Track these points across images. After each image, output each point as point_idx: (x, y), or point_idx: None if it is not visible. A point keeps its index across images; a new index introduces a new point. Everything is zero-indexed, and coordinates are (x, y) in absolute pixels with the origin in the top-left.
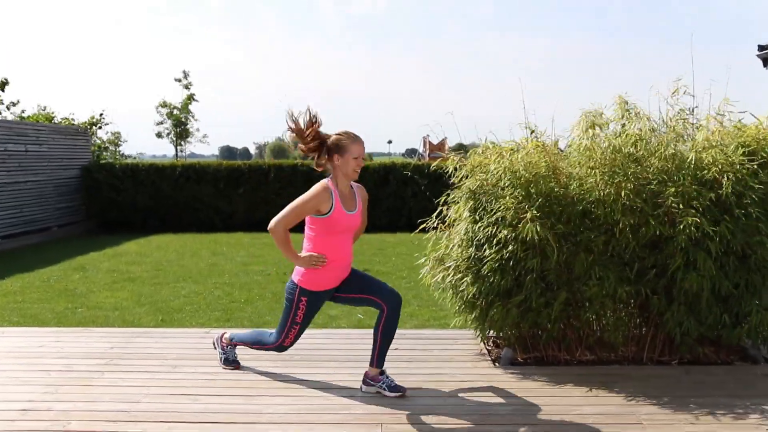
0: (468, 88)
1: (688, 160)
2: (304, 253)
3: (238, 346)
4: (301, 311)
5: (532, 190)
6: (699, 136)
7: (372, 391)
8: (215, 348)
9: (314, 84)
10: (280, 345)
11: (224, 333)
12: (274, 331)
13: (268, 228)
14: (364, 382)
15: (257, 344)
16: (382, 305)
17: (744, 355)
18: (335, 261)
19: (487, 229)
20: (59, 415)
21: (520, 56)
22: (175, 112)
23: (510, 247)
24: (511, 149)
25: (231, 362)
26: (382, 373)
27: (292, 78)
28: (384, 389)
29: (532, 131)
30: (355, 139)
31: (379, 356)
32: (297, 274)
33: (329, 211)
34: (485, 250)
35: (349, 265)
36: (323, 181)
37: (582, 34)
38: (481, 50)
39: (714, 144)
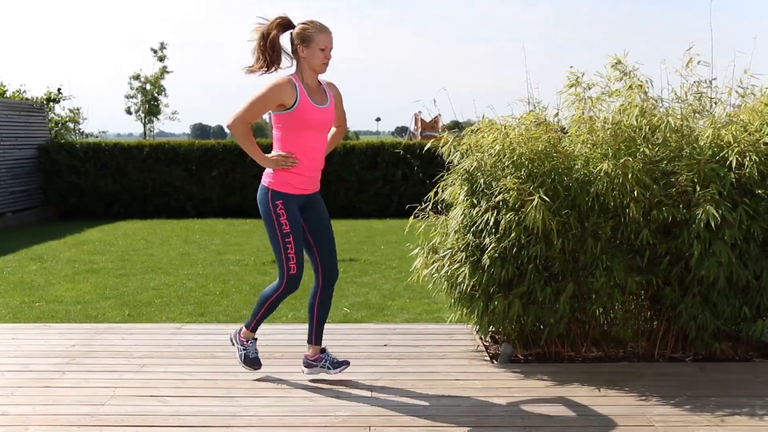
0: (464, 60)
1: (705, 136)
2: (272, 154)
3: (257, 333)
4: (283, 218)
5: (536, 170)
6: (717, 110)
7: (315, 374)
8: (233, 345)
9: None
10: (289, 277)
11: (241, 328)
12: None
13: (227, 124)
14: (306, 363)
15: (267, 302)
16: (319, 275)
17: (765, 351)
18: (307, 162)
19: (486, 214)
20: (16, 419)
21: (520, 25)
22: (148, 86)
23: (512, 234)
24: (510, 125)
25: (251, 361)
26: (323, 350)
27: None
28: (327, 368)
29: (534, 106)
30: (322, 28)
31: (317, 333)
32: (266, 177)
33: (294, 103)
34: (485, 237)
35: (320, 167)
36: (285, 74)
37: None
38: (479, 17)
39: (735, 120)
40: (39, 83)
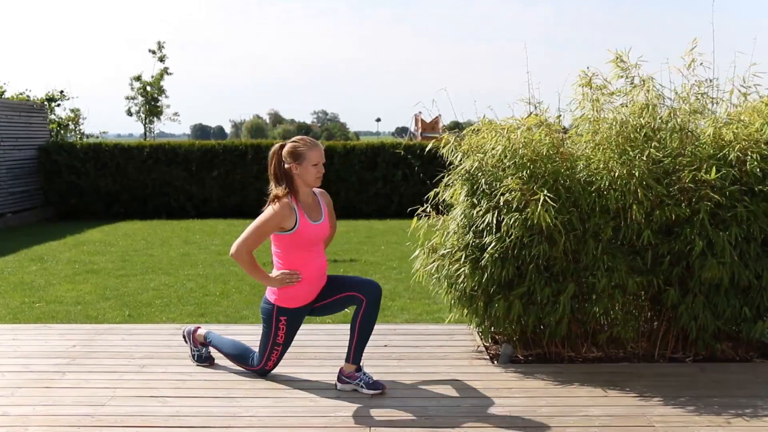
0: (464, 60)
1: (706, 134)
2: (275, 273)
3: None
4: (281, 332)
5: (538, 171)
6: (720, 109)
7: (348, 389)
8: (186, 342)
9: (295, 56)
10: (262, 369)
11: (197, 328)
12: (256, 350)
13: (230, 253)
14: (339, 379)
15: (237, 360)
16: (360, 298)
17: (765, 351)
18: (310, 275)
19: (487, 215)
20: (16, 420)
21: (520, 25)
22: (148, 88)
23: (514, 234)
24: (511, 126)
25: (205, 359)
26: (359, 369)
27: (271, 50)
28: (361, 386)
29: (535, 106)
30: (312, 144)
31: (356, 352)
32: (271, 293)
33: (294, 226)
34: (486, 237)
35: (325, 275)
36: (285, 200)
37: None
38: (479, 17)
39: (736, 120)
40: (39, 83)
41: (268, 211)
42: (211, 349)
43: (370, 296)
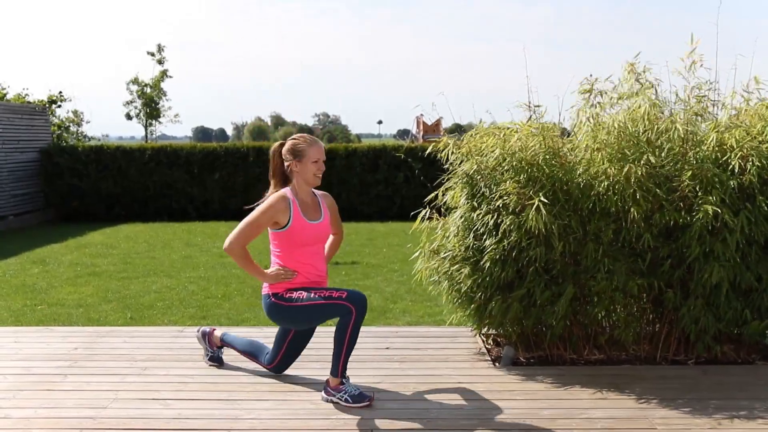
0: (464, 60)
1: (709, 141)
2: (272, 269)
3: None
4: (295, 294)
5: (536, 175)
6: (722, 114)
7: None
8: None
9: (296, 57)
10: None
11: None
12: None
13: (224, 248)
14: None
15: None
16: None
17: (766, 353)
18: (307, 275)
19: (486, 217)
20: (18, 422)
21: (520, 25)
22: (147, 90)
23: (512, 237)
24: (509, 130)
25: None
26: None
27: (271, 50)
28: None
29: (535, 108)
30: (313, 142)
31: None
32: (265, 287)
33: (287, 222)
34: (485, 240)
35: (323, 277)
36: (282, 191)
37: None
38: (478, 17)
39: (738, 124)
40: (39, 84)
41: (264, 203)
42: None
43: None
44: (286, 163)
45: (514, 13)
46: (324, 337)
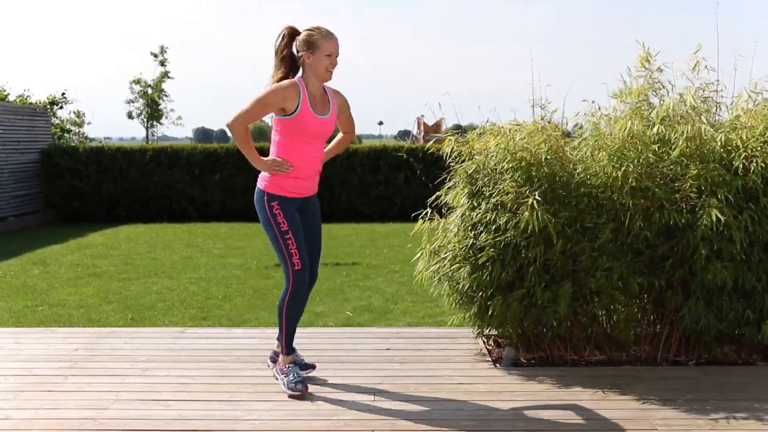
0: (464, 60)
1: (717, 140)
2: (268, 158)
3: (296, 349)
4: (280, 217)
5: (534, 174)
6: (727, 114)
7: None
8: (276, 379)
9: None
10: (295, 273)
11: (279, 357)
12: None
13: (226, 123)
14: (272, 359)
15: (284, 311)
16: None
17: (767, 354)
18: (301, 170)
19: (485, 215)
20: (19, 423)
21: (520, 25)
22: (149, 91)
23: (508, 234)
24: (513, 129)
25: (297, 384)
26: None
27: (271, 50)
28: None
29: (542, 108)
30: (328, 34)
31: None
32: (262, 180)
33: (295, 110)
34: (484, 239)
35: (317, 175)
36: (292, 79)
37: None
38: (479, 17)
39: (743, 125)
40: (39, 85)
41: (274, 85)
42: (298, 368)
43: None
44: (298, 53)
45: (514, 13)
46: (324, 337)
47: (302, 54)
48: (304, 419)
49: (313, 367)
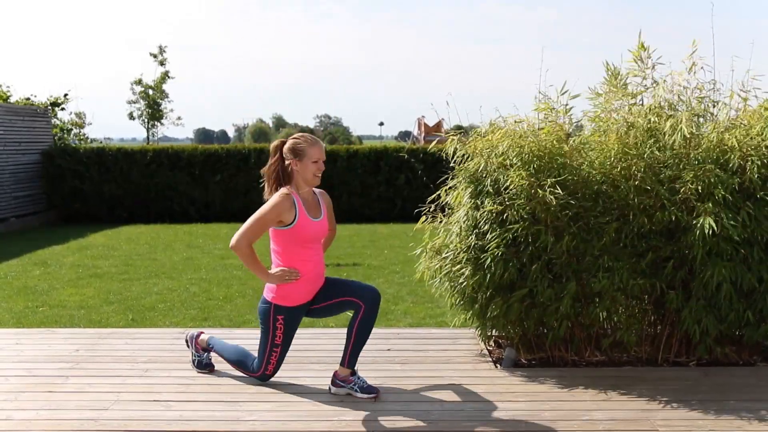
0: (464, 60)
1: (710, 140)
2: (274, 270)
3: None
4: (279, 331)
5: (545, 166)
6: (721, 114)
7: (342, 393)
8: (188, 347)
9: (297, 59)
10: (263, 374)
11: (200, 333)
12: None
13: (230, 246)
14: (333, 383)
15: (238, 366)
16: (359, 303)
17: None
18: (308, 273)
19: (492, 211)
20: (19, 424)
21: (521, 25)
22: (150, 92)
23: (516, 226)
24: (519, 121)
25: (205, 366)
26: (354, 373)
27: (272, 52)
28: (356, 390)
29: (545, 104)
30: (313, 142)
31: (351, 355)
32: (269, 292)
33: (293, 220)
34: (488, 236)
35: (323, 275)
36: (283, 190)
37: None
38: (479, 17)
39: (737, 124)
40: (39, 85)
41: (269, 202)
42: (212, 355)
43: (368, 302)
44: (286, 162)
45: (515, 13)
46: (325, 339)
47: (290, 162)
48: (305, 420)
49: (377, 392)
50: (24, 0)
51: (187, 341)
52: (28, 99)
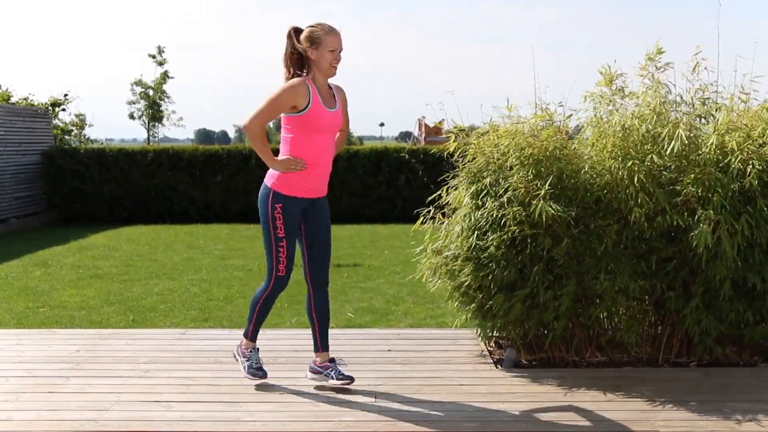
0: (464, 61)
1: (710, 143)
2: (281, 157)
3: (258, 342)
4: (279, 222)
5: (543, 170)
6: (721, 116)
7: (318, 380)
8: (236, 360)
9: None
10: (277, 278)
11: (241, 339)
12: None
13: (242, 125)
14: (311, 369)
15: (258, 305)
16: (308, 285)
17: None
18: (314, 166)
19: (492, 213)
20: (20, 425)
21: (521, 25)
22: (150, 92)
23: (515, 228)
24: (519, 122)
25: (257, 370)
26: (333, 360)
27: (272, 52)
28: (331, 377)
29: (541, 109)
30: (330, 30)
31: (321, 339)
32: (270, 178)
33: (307, 106)
34: (488, 236)
35: (327, 173)
36: (300, 77)
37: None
38: (479, 18)
39: (738, 126)
40: (39, 86)
41: (284, 84)
42: (259, 355)
43: (315, 287)
44: (302, 48)
45: (515, 14)
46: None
47: (306, 50)
48: (305, 420)
49: (351, 379)
50: (24, 0)
51: (235, 355)
52: (26, 98)
